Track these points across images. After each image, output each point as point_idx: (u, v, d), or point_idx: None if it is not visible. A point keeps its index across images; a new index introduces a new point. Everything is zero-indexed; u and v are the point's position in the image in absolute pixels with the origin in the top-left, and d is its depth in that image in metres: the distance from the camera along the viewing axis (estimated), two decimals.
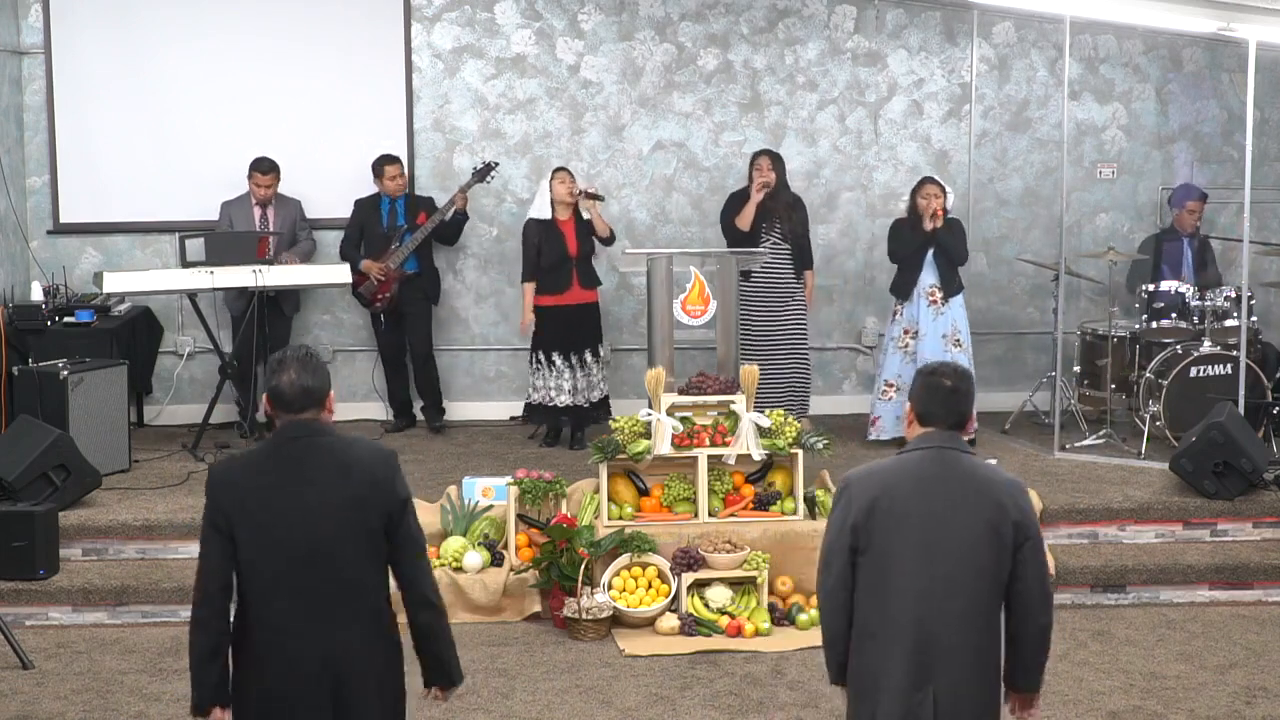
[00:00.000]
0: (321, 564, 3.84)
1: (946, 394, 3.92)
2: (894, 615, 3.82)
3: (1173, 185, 9.67)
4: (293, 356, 3.96)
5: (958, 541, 3.81)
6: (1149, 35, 9.78)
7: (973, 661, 3.84)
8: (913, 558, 3.81)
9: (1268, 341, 8.98)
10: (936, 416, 3.92)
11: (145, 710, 5.94)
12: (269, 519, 3.84)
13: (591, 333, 8.77)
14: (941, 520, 3.81)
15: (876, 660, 3.85)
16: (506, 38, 9.61)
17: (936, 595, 3.80)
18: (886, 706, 3.82)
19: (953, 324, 8.63)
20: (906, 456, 3.92)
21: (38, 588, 6.94)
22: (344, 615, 3.86)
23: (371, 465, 3.93)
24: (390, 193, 9.09)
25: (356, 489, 3.88)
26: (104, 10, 9.33)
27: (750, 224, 8.73)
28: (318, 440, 3.92)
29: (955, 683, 3.81)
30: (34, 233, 9.45)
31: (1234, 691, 6.14)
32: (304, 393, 3.91)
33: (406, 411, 9.42)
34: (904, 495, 3.84)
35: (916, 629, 3.80)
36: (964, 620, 3.81)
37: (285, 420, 3.93)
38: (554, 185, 8.62)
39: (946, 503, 3.83)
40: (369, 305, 9.12)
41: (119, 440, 8.17)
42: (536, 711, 5.92)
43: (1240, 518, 7.65)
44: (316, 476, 3.87)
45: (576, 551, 6.83)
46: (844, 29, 9.75)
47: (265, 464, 3.91)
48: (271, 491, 3.86)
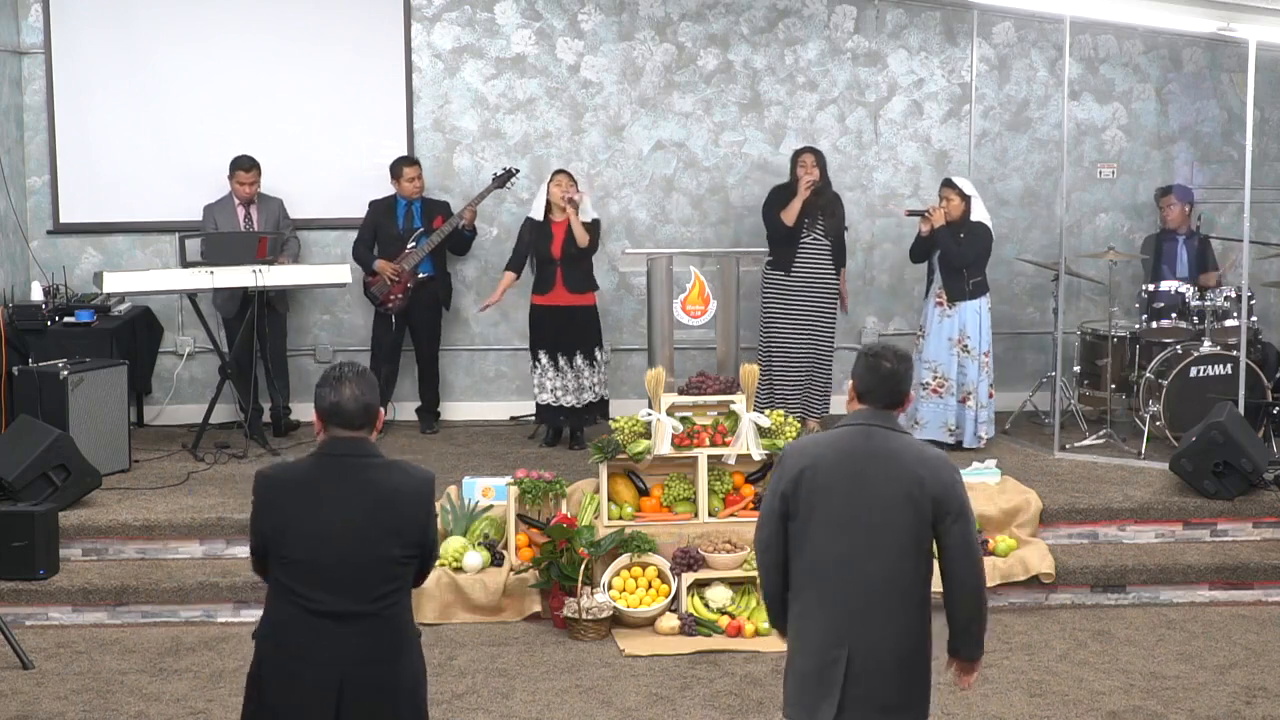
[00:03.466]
0: (343, 582, 3.87)
1: (886, 375, 4.13)
2: (817, 578, 4.07)
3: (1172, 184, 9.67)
4: (352, 372, 3.97)
5: (876, 511, 4.03)
6: (1149, 35, 9.78)
7: (886, 625, 4.04)
8: (833, 525, 4.05)
9: (1268, 341, 8.99)
10: (874, 395, 4.14)
11: (145, 710, 5.94)
12: (302, 532, 3.88)
13: (582, 336, 8.71)
14: (862, 491, 4.04)
15: (802, 618, 4.11)
16: (506, 38, 9.61)
17: (854, 561, 4.03)
18: (803, 662, 4.09)
19: (960, 328, 8.60)
20: (838, 431, 4.18)
21: (38, 588, 6.94)
22: (356, 632, 3.88)
23: (410, 495, 3.98)
24: (407, 194, 9.09)
25: (394, 515, 3.92)
26: (104, 10, 9.32)
27: (795, 219, 8.77)
28: (364, 460, 3.95)
29: (870, 645, 4.02)
30: (34, 233, 9.45)
31: (1234, 691, 6.14)
32: (364, 409, 3.94)
33: None
34: (828, 466, 4.08)
35: (835, 592, 4.04)
36: (882, 585, 4.03)
37: (337, 436, 3.95)
38: (550, 187, 8.63)
39: (867, 475, 4.05)
40: (380, 306, 9.12)
41: (119, 440, 8.17)
42: (536, 711, 5.92)
43: (1240, 518, 7.65)
44: (357, 502, 3.90)
45: (576, 551, 6.83)
46: (844, 29, 9.75)
47: (311, 478, 3.94)
48: (313, 510, 3.89)
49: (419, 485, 4.01)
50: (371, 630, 3.89)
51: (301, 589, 3.87)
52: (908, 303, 9.88)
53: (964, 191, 8.62)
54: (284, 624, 3.91)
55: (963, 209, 8.58)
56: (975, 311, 8.63)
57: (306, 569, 3.87)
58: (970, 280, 8.60)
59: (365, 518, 3.89)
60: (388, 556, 3.91)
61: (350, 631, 3.87)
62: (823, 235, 8.84)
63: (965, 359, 8.62)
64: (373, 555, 3.89)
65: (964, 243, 8.56)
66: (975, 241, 8.58)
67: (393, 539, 3.91)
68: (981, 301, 8.65)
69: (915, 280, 9.71)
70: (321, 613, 3.86)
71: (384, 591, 3.91)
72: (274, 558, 3.92)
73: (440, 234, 8.99)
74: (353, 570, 3.87)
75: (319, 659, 3.86)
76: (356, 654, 3.88)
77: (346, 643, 3.87)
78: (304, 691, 3.86)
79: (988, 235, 8.64)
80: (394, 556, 3.92)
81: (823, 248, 8.85)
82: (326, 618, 3.86)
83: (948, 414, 8.62)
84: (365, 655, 3.88)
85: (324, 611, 3.86)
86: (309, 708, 3.86)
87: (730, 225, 9.68)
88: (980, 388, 8.65)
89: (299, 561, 3.88)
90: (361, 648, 3.88)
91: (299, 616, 3.88)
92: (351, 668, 3.87)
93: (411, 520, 3.96)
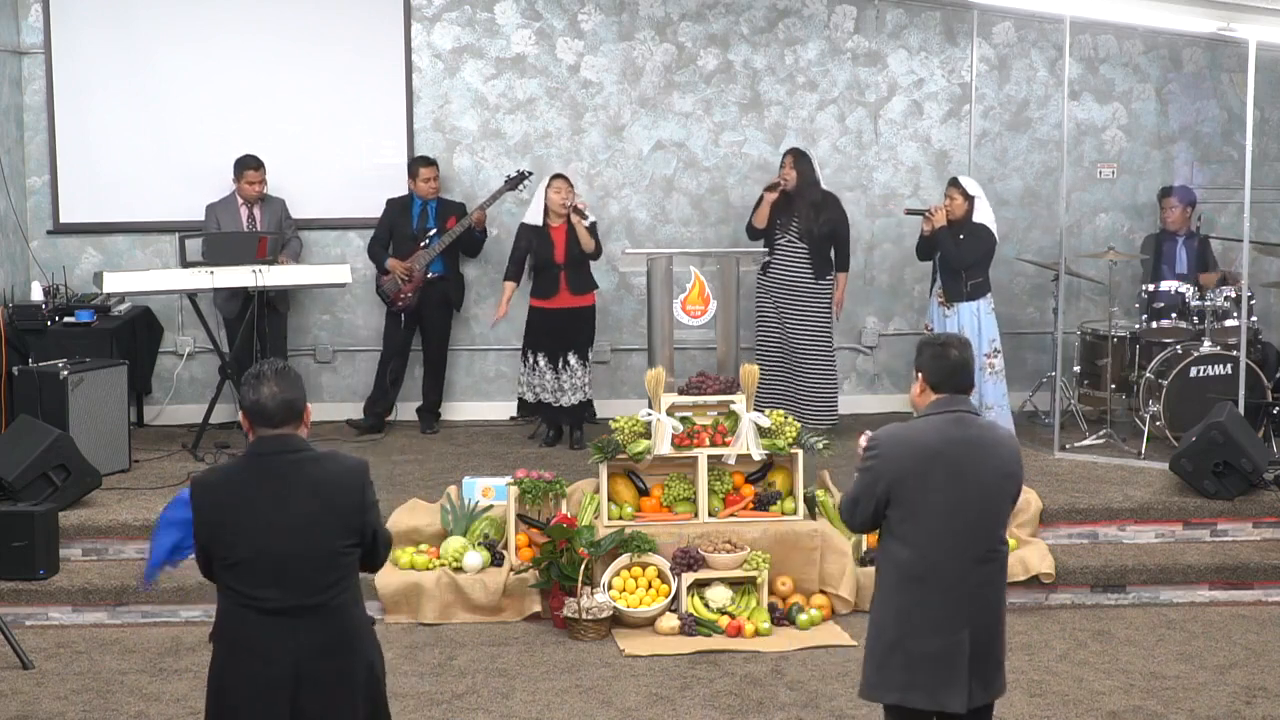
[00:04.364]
0: (287, 578, 3.88)
1: (957, 363, 4.32)
2: (931, 565, 4.23)
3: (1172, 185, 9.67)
4: (271, 370, 3.96)
5: (981, 494, 4.25)
6: (1149, 35, 9.78)
7: (995, 602, 4.32)
8: (944, 512, 4.22)
9: (1268, 341, 8.98)
10: (949, 383, 4.32)
11: (145, 710, 5.94)
12: (240, 533, 3.88)
13: (580, 336, 8.74)
14: (966, 477, 4.24)
15: (916, 605, 4.25)
16: (506, 38, 9.61)
17: (967, 544, 4.24)
18: (925, 646, 4.23)
19: (958, 329, 8.55)
20: (931, 420, 4.31)
21: (38, 588, 6.94)
22: (307, 625, 3.89)
23: (341, 483, 3.97)
24: (423, 194, 9.10)
25: (327, 506, 3.92)
26: (104, 10, 9.32)
27: (765, 222, 8.74)
28: (293, 457, 3.95)
29: (985, 623, 4.28)
30: (34, 233, 9.45)
31: (1234, 691, 6.14)
32: (285, 406, 3.93)
33: (376, 413, 9.25)
34: (931, 456, 4.24)
35: (952, 576, 4.22)
36: (989, 564, 4.28)
37: (263, 434, 3.95)
38: (549, 193, 8.62)
39: (968, 461, 4.25)
40: (391, 304, 9.12)
41: (119, 440, 8.17)
42: (536, 711, 5.92)
43: (1240, 518, 7.65)
44: (290, 495, 3.91)
45: (576, 551, 6.83)
46: (844, 29, 9.74)
47: (242, 479, 3.95)
48: (245, 507, 3.90)
49: (349, 473, 3.99)
50: (322, 623, 3.90)
51: (247, 588, 3.88)
52: (908, 302, 9.88)
53: (968, 192, 8.59)
54: (235, 624, 3.92)
55: (965, 209, 8.56)
56: (972, 313, 8.58)
57: (250, 568, 3.88)
58: (969, 282, 8.55)
59: (300, 512, 3.89)
60: (328, 548, 3.91)
61: (301, 626, 3.88)
62: (797, 238, 8.80)
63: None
64: (313, 548, 3.89)
65: (963, 244, 8.52)
66: (975, 243, 8.54)
67: (331, 530, 3.92)
68: (980, 303, 8.59)
69: (915, 280, 9.71)
70: (270, 610, 3.87)
71: (329, 582, 3.91)
72: (217, 560, 3.92)
73: (451, 234, 9.00)
74: (296, 565, 3.88)
75: (272, 655, 3.87)
76: (309, 647, 3.88)
77: (298, 637, 3.88)
78: (260, 688, 3.87)
79: (989, 237, 8.59)
80: (335, 547, 3.92)
81: (797, 250, 8.81)
82: (276, 614, 3.87)
83: None
84: (318, 648, 3.89)
85: (273, 608, 3.87)
86: (267, 704, 3.87)
87: (730, 225, 9.67)
88: (987, 390, 8.51)
89: (241, 561, 3.88)
90: (314, 641, 3.89)
91: (249, 616, 3.89)
92: (305, 661, 3.88)
93: (345, 508, 3.95)
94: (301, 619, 3.88)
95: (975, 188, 8.67)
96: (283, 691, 3.87)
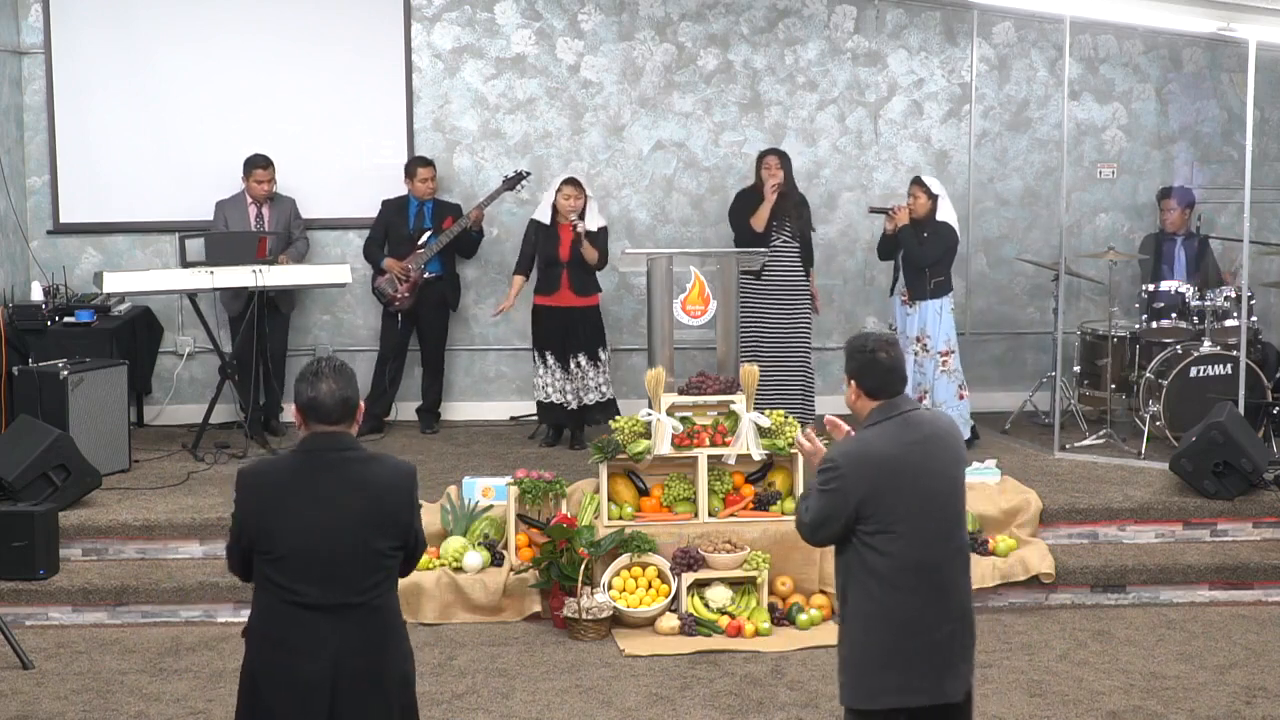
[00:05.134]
0: (330, 576, 3.89)
1: (888, 367, 4.35)
2: (918, 566, 4.24)
3: (1172, 185, 9.67)
4: (329, 367, 3.98)
5: (942, 488, 4.30)
6: (1149, 35, 9.78)
7: (969, 588, 4.38)
8: (915, 515, 4.24)
9: (1268, 341, 8.99)
10: (885, 389, 4.34)
11: (145, 710, 5.94)
12: (285, 528, 3.89)
13: (585, 337, 8.73)
14: (928, 475, 4.27)
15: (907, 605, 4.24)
16: (506, 38, 9.61)
17: (939, 538, 4.28)
18: (919, 645, 4.24)
19: (921, 327, 8.56)
20: (882, 429, 4.31)
21: (38, 588, 6.94)
22: (346, 623, 3.90)
23: (391, 484, 3.99)
24: (420, 195, 9.10)
25: (375, 508, 3.94)
26: (104, 10, 9.32)
27: (765, 224, 8.75)
28: (345, 455, 3.96)
29: (966, 610, 4.34)
30: (34, 233, 9.45)
31: (1234, 691, 6.14)
32: (342, 403, 3.95)
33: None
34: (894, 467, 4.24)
35: (935, 575, 4.26)
36: (962, 553, 4.35)
37: (318, 431, 3.95)
38: (559, 198, 8.61)
39: (926, 460, 4.28)
40: (388, 304, 9.12)
41: (119, 440, 8.17)
42: (536, 711, 5.92)
43: (1240, 518, 7.65)
44: (338, 495, 3.92)
45: (576, 551, 6.83)
46: (844, 29, 9.74)
47: (292, 477, 3.95)
48: (295, 505, 3.90)
49: (400, 477, 4.02)
50: (361, 621, 3.92)
51: (290, 584, 3.89)
52: None
53: (931, 190, 8.59)
54: (274, 619, 3.92)
55: (929, 207, 8.55)
56: (935, 311, 8.56)
57: (294, 563, 3.88)
58: (932, 280, 8.55)
59: (349, 511, 3.91)
60: (373, 549, 3.93)
61: (341, 623, 3.89)
62: (791, 237, 8.82)
63: (924, 358, 8.58)
64: (358, 547, 3.91)
65: (927, 242, 8.52)
66: (938, 241, 8.53)
67: (377, 531, 3.93)
68: (943, 301, 8.58)
69: None
70: (311, 606, 3.88)
71: (372, 583, 3.93)
72: (260, 554, 3.92)
73: (449, 234, 9.00)
74: (340, 563, 3.89)
75: (311, 652, 3.87)
76: (348, 645, 3.89)
77: (337, 635, 3.89)
78: (298, 685, 3.87)
79: (952, 235, 8.57)
80: (379, 549, 3.94)
81: (792, 250, 8.83)
82: (316, 611, 3.88)
83: None
84: (357, 646, 3.91)
85: (313, 605, 3.88)
86: (304, 701, 3.87)
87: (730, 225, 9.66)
88: (938, 387, 8.50)
89: (286, 556, 3.89)
90: (352, 639, 3.90)
91: (289, 611, 3.89)
92: (344, 659, 3.89)
93: (394, 512, 3.98)
94: (343, 617, 3.89)
95: (938, 186, 8.67)
96: (321, 689, 3.87)
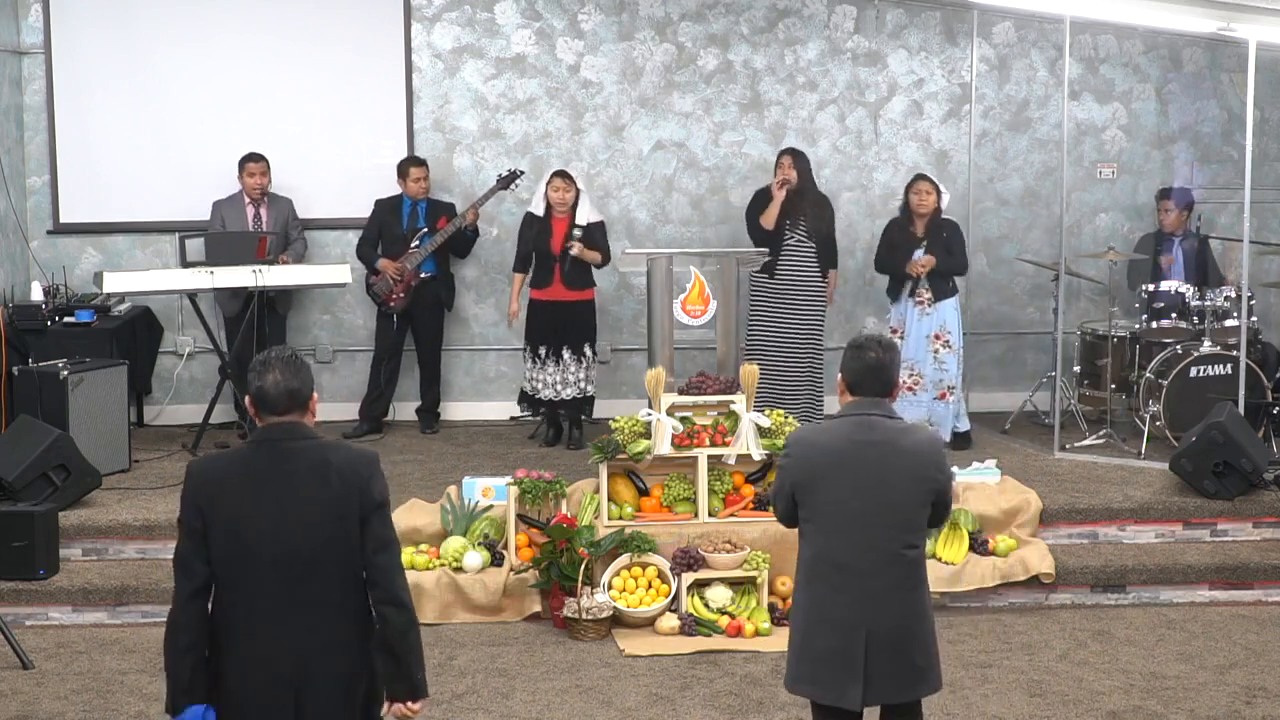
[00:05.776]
0: (293, 568, 3.81)
1: (873, 365, 4.35)
2: (831, 566, 4.31)
3: (1172, 185, 9.67)
4: (277, 358, 3.92)
5: (883, 497, 4.28)
6: (1149, 35, 9.78)
7: (901, 604, 4.31)
8: (845, 514, 4.29)
9: (1268, 341, 8.98)
10: (864, 386, 4.36)
11: (145, 710, 5.94)
12: (243, 521, 3.81)
13: (576, 331, 8.73)
14: (870, 478, 4.28)
15: (818, 603, 4.33)
16: (506, 38, 9.61)
17: (868, 546, 4.28)
18: (825, 641, 4.31)
19: (942, 323, 8.65)
20: (839, 422, 4.39)
21: (38, 588, 6.94)
22: (314, 620, 3.83)
23: (349, 469, 3.89)
24: (413, 195, 9.10)
25: (333, 494, 3.84)
26: (104, 10, 9.32)
27: (774, 222, 8.74)
28: (298, 444, 3.89)
29: (887, 624, 4.28)
30: (34, 233, 9.45)
31: (1234, 691, 6.14)
32: (288, 395, 3.88)
33: (373, 415, 9.24)
34: (835, 458, 4.31)
35: (851, 577, 4.28)
36: (894, 566, 4.30)
37: (268, 422, 3.91)
38: (548, 190, 8.62)
39: (874, 463, 4.29)
40: (383, 305, 9.12)
41: (119, 440, 8.17)
42: (536, 711, 5.92)
43: (1240, 518, 7.65)
44: (294, 480, 3.84)
45: (576, 551, 6.83)
46: (844, 29, 9.74)
47: (244, 466, 3.88)
48: (248, 494, 3.83)
49: (358, 461, 3.91)
50: (327, 616, 3.84)
51: (250, 576, 3.81)
52: None
53: (940, 187, 8.69)
54: (237, 614, 3.83)
55: (936, 204, 8.65)
56: (953, 308, 8.72)
57: (253, 555, 3.80)
58: (952, 278, 8.75)
59: (303, 498, 3.83)
60: (329, 538, 3.83)
61: (304, 619, 3.82)
62: (806, 237, 8.82)
63: (946, 354, 8.62)
64: (314, 537, 3.82)
65: (952, 248, 8.63)
66: (958, 244, 8.73)
67: (332, 518, 3.84)
68: (957, 297, 8.77)
69: None
70: (274, 599, 3.81)
71: (336, 571, 3.84)
72: (215, 547, 3.82)
73: (444, 234, 9.00)
74: (300, 552, 3.81)
75: (278, 646, 3.81)
76: (313, 642, 3.82)
77: (303, 626, 3.82)
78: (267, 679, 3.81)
79: (960, 232, 8.83)
80: (336, 538, 3.84)
81: (807, 249, 8.81)
82: (281, 603, 3.81)
83: (920, 410, 8.63)
84: (323, 643, 3.83)
85: (277, 597, 3.81)
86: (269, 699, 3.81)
87: (730, 225, 9.67)
88: (959, 381, 8.74)
89: (244, 549, 3.80)
90: (318, 635, 3.83)
91: (252, 604, 3.82)
92: (310, 655, 3.82)
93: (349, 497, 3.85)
94: (305, 610, 3.82)
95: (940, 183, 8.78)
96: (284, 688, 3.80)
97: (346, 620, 3.88)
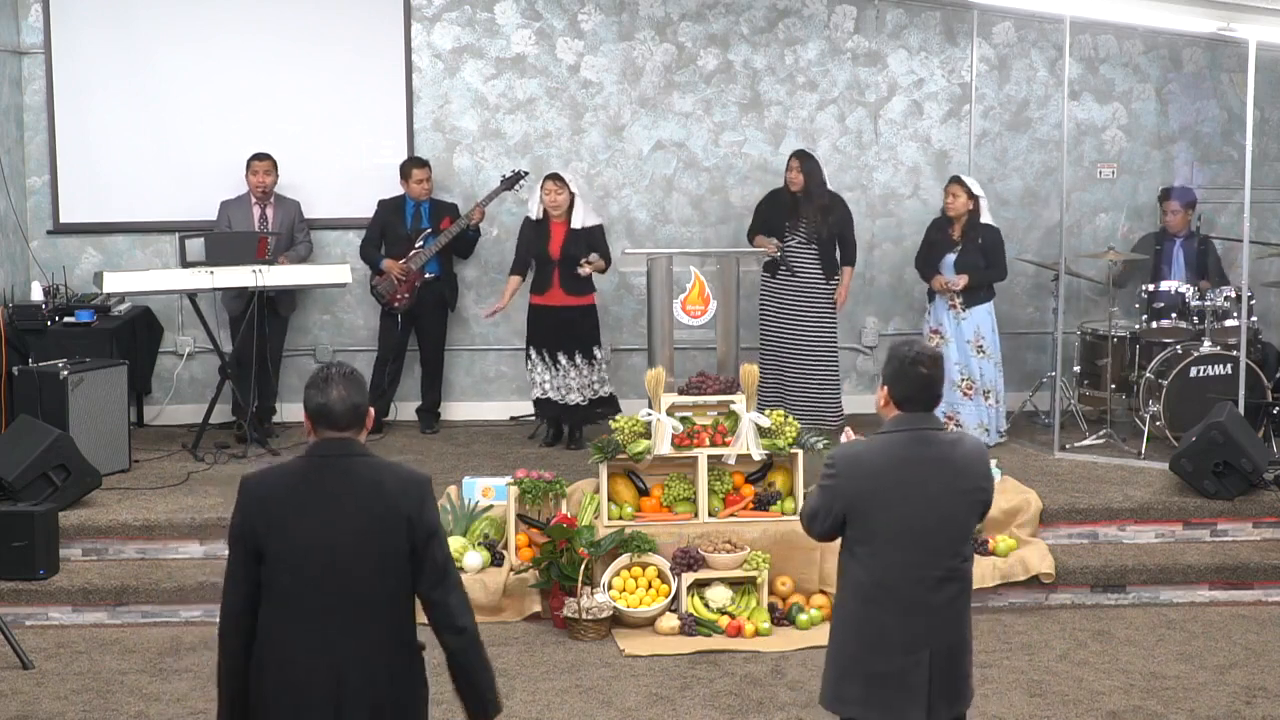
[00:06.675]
0: (339, 585, 3.80)
1: (924, 382, 4.21)
2: (889, 587, 4.15)
3: (1172, 185, 9.67)
4: (338, 373, 3.92)
5: (937, 515, 4.15)
6: (1149, 35, 9.78)
7: (958, 622, 4.21)
8: (904, 534, 4.14)
9: (1268, 341, 8.99)
10: (913, 401, 4.21)
11: (145, 710, 5.94)
12: (295, 536, 3.81)
13: (575, 336, 8.69)
14: (923, 497, 4.14)
15: (871, 622, 4.18)
16: (506, 38, 9.61)
17: (928, 565, 4.14)
18: (885, 664, 4.15)
19: (975, 330, 8.68)
20: (891, 439, 4.22)
21: (38, 588, 6.94)
22: (356, 639, 3.82)
23: (400, 492, 3.89)
24: (416, 196, 9.10)
25: (382, 515, 3.84)
26: (104, 10, 9.32)
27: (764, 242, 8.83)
28: (354, 461, 3.89)
29: (946, 643, 4.17)
30: (34, 233, 9.45)
31: (1234, 691, 6.14)
32: (352, 410, 3.88)
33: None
34: (891, 478, 4.15)
35: (911, 598, 4.14)
36: (950, 584, 4.17)
37: (327, 437, 3.90)
38: (542, 195, 8.61)
39: (930, 481, 4.15)
40: (386, 305, 9.12)
41: (119, 440, 8.17)
42: (536, 711, 5.92)
43: (1240, 518, 7.65)
44: (346, 499, 3.84)
45: (576, 551, 6.83)
46: (844, 29, 9.74)
47: (300, 481, 3.88)
48: (301, 509, 3.83)
49: (410, 483, 3.91)
50: (369, 635, 3.83)
51: (296, 591, 3.80)
52: (908, 303, 9.88)
53: (972, 190, 8.66)
54: (279, 628, 3.83)
55: (969, 207, 8.63)
56: (987, 313, 8.74)
57: (301, 570, 3.80)
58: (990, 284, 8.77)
59: (356, 514, 3.82)
60: (379, 555, 3.83)
61: (349, 634, 3.81)
62: (806, 240, 8.82)
63: (982, 360, 8.66)
64: (364, 554, 3.82)
65: (987, 254, 8.64)
66: (997, 253, 8.72)
67: (384, 536, 3.83)
68: (991, 303, 8.77)
69: (915, 280, 9.68)
70: (318, 615, 3.80)
71: (378, 595, 3.84)
72: (268, 562, 3.83)
73: (447, 235, 9.00)
74: (345, 570, 3.81)
75: (317, 663, 3.79)
76: (355, 660, 3.81)
77: (342, 647, 3.80)
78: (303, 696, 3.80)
79: (1000, 238, 8.77)
80: (386, 556, 3.84)
81: (809, 250, 8.83)
82: (323, 620, 3.80)
83: (982, 414, 8.69)
84: (366, 658, 3.82)
85: (320, 613, 3.80)
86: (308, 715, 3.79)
87: (730, 225, 9.67)
88: (998, 385, 8.78)
89: (293, 564, 3.80)
90: (360, 653, 3.81)
91: (295, 619, 3.81)
92: (350, 673, 3.80)
93: (400, 517, 3.85)
94: (350, 627, 3.80)
95: (977, 186, 8.73)
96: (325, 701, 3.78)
97: (389, 639, 3.87)
